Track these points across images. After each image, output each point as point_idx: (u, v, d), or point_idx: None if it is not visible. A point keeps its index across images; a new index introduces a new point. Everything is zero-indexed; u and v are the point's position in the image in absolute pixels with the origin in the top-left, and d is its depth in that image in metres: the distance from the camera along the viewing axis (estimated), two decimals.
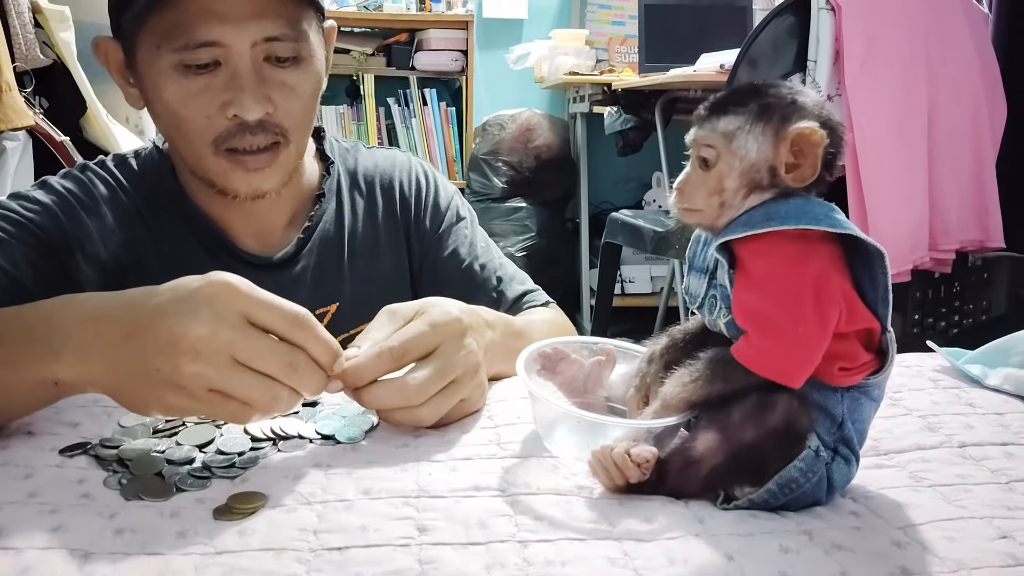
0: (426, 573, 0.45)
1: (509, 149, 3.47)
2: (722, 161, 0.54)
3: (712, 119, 0.54)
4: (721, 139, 0.53)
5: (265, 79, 0.83)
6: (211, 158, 0.86)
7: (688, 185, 0.55)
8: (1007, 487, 0.58)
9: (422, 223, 1.05)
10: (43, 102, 1.89)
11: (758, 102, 0.53)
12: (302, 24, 0.85)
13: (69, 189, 0.91)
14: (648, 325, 3.12)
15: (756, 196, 0.53)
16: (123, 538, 0.48)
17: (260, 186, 0.88)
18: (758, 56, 1.81)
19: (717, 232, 0.55)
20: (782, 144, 0.52)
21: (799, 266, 0.51)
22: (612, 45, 3.73)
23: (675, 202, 0.56)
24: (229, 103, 0.82)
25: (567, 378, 0.65)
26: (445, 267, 1.04)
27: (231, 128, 0.84)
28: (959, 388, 0.78)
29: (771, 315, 0.51)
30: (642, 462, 0.52)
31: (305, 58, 0.86)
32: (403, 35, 3.53)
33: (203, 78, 0.82)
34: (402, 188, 1.05)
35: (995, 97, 1.87)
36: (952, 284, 1.93)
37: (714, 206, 0.54)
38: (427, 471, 0.57)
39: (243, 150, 0.85)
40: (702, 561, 0.47)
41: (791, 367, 0.51)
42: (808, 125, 0.51)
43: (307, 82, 0.87)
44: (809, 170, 0.52)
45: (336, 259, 1.00)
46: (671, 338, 0.59)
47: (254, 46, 0.82)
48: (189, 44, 0.80)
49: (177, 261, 0.93)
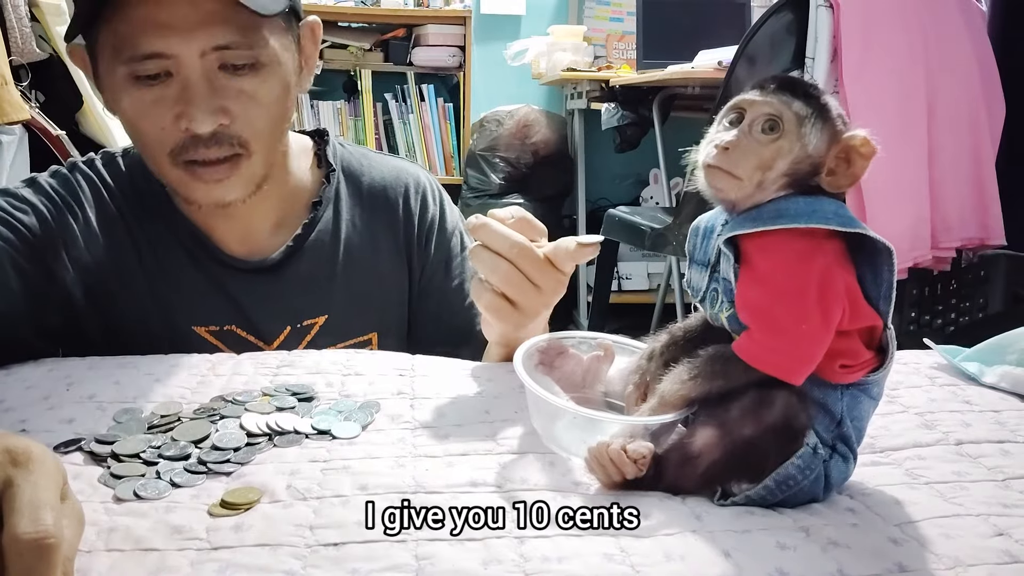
0: (422, 569, 0.45)
1: (506, 145, 3.46)
2: (786, 139, 0.51)
3: (785, 95, 0.52)
4: (794, 118, 0.51)
5: (219, 89, 0.81)
6: (170, 169, 0.84)
7: (739, 149, 0.51)
8: (1003, 484, 0.58)
9: (427, 246, 1.03)
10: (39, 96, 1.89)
11: (819, 99, 0.52)
12: (261, 30, 0.82)
13: (56, 190, 0.90)
14: (645, 322, 3.13)
15: (787, 189, 0.52)
16: (118, 534, 0.48)
17: (222, 197, 0.86)
18: (756, 53, 1.81)
19: (734, 209, 0.53)
20: (835, 147, 0.52)
21: (804, 263, 0.50)
22: (610, 41, 3.73)
23: (715, 162, 0.52)
24: (181, 115, 0.80)
25: (565, 373, 0.65)
26: (448, 299, 1.02)
27: (185, 140, 0.82)
28: (956, 385, 0.78)
29: (774, 311, 0.51)
30: (638, 458, 0.52)
31: (266, 64, 0.83)
32: (401, 30, 3.52)
33: (155, 89, 0.81)
34: (407, 204, 1.03)
35: (993, 94, 1.87)
36: (949, 282, 1.93)
37: (755, 181, 0.52)
38: (424, 467, 0.57)
39: (200, 161, 0.83)
40: (699, 557, 0.47)
41: (793, 363, 0.51)
42: (863, 135, 0.51)
43: (269, 89, 0.84)
44: (846, 179, 0.52)
45: (328, 269, 0.97)
46: (671, 335, 0.59)
47: (203, 55, 0.79)
48: (135, 56, 0.79)
49: (160, 265, 0.92)
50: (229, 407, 0.66)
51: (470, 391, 0.72)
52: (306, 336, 0.96)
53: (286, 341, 0.94)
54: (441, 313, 1.02)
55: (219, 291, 0.94)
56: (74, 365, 0.77)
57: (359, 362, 0.78)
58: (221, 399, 0.68)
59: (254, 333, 0.94)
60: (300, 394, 0.69)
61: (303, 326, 0.96)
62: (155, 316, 0.91)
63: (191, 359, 0.79)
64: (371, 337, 0.99)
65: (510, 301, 0.73)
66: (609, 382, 0.66)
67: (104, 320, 0.90)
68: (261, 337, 0.94)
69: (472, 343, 0.93)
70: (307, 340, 0.96)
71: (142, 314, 0.91)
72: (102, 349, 0.81)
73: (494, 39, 3.69)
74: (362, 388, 0.72)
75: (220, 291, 0.94)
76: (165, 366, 0.76)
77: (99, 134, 1.97)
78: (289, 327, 0.95)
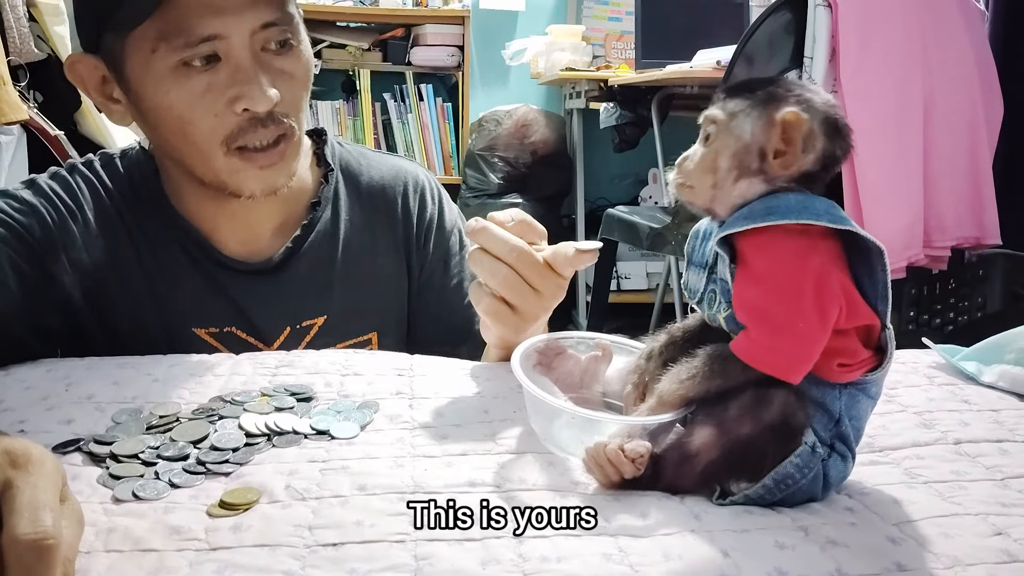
0: (421, 569, 0.45)
1: (505, 145, 3.46)
2: (719, 139, 0.54)
3: (725, 100, 0.55)
4: (724, 118, 0.54)
5: (266, 68, 0.82)
6: (222, 159, 0.84)
7: (687, 161, 0.56)
8: (1002, 484, 0.58)
9: (425, 244, 1.03)
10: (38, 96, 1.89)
11: (767, 90, 0.53)
12: (290, 7, 0.84)
13: (56, 192, 0.90)
14: (644, 321, 3.13)
15: (747, 181, 0.53)
16: (117, 535, 0.48)
17: (274, 182, 0.87)
18: (754, 53, 1.81)
19: (714, 216, 0.55)
20: (773, 129, 0.52)
21: (801, 261, 0.51)
22: (609, 41, 3.73)
23: (674, 176, 0.56)
24: (237, 98, 0.81)
25: (563, 373, 0.65)
26: (447, 297, 1.02)
27: (242, 124, 0.82)
28: (954, 385, 0.78)
29: (771, 310, 0.51)
30: (636, 458, 0.52)
31: (296, 44, 0.85)
32: (399, 30, 3.52)
33: (205, 76, 0.80)
34: (406, 202, 1.03)
35: (991, 94, 1.87)
36: (947, 281, 1.94)
37: (706, 185, 0.55)
38: (423, 467, 0.57)
39: (254, 147, 0.84)
40: (697, 557, 0.47)
41: (790, 362, 0.51)
42: (792, 110, 0.52)
43: (301, 68, 0.86)
44: (791, 156, 0.52)
45: (327, 270, 0.97)
46: (670, 335, 0.59)
47: (252, 35, 0.81)
48: (190, 40, 0.79)
49: (159, 267, 0.92)
50: (228, 407, 0.66)
51: (469, 391, 0.72)
52: (306, 337, 0.96)
53: (286, 342, 0.94)
54: (440, 312, 1.02)
55: (219, 293, 0.94)
56: (73, 366, 0.77)
57: (358, 362, 0.78)
58: (220, 399, 0.68)
59: (254, 335, 0.94)
60: (299, 394, 0.69)
61: (303, 327, 0.96)
62: (154, 318, 0.91)
63: (190, 359, 0.78)
64: (371, 337, 0.99)
65: (509, 305, 0.73)
66: (607, 382, 0.66)
67: (103, 322, 0.90)
68: (261, 339, 0.94)
69: (471, 342, 0.93)
70: (307, 341, 0.95)
71: (141, 316, 0.91)
72: (101, 350, 0.81)
73: (493, 39, 3.69)
74: (361, 388, 0.72)
75: (220, 293, 0.94)
76: (164, 366, 0.76)
77: (97, 134, 1.97)
78: (289, 328, 0.95)
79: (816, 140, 0.52)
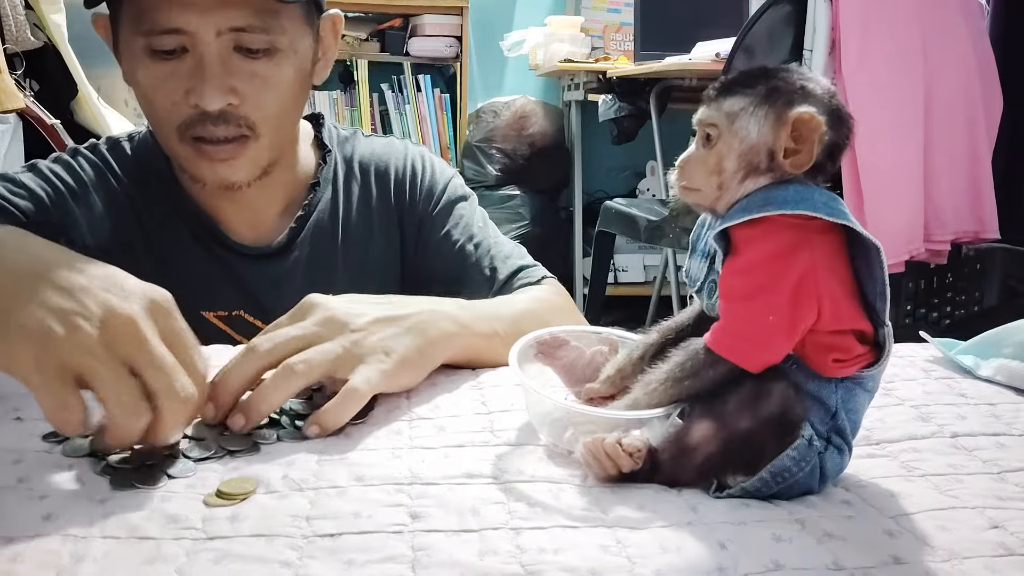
0: (419, 560, 0.45)
1: (503, 136, 3.46)
2: (723, 141, 0.53)
3: (719, 99, 0.54)
4: (724, 119, 0.53)
5: (232, 69, 0.82)
6: (178, 144, 0.85)
7: (689, 163, 0.55)
8: (999, 477, 0.58)
9: (416, 207, 1.03)
10: (34, 85, 1.88)
11: (766, 85, 0.53)
12: (279, 17, 0.83)
13: (58, 174, 0.90)
14: (641, 314, 3.13)
15: (753, 180, 0.53)
16: (113, 523, 0.48)
17: (228, 176, 0.87)
18: (754, 45, 1.80)
19: (719, 215, 0.55)
20: (783, 128, 0.52)
21: (787, 257, 0.50)
22: (607, 33, 3.72)
23: (676, 179, 0.56)
24: (190, 91, 0.81)
25: (566, 364, 0.65)
26: (439, 249, 1.02)
27: (194, 116, 0.83)
28: (951, 379, 0.78)
29: (747, 299, 0.51)
30: (634, 451, 0.52)
31: (281, 50, 0.84)
32: (397, 20, 3.51)
33: (170, 64, 0.82)
34: (397, 174, 1.04)
35: (991, 88, 1.87)
36: (945, 275, 1.94)
37: (712, 186, 0.54)
38: (420, 458, 0.57)
39: (208, 139, 0.84)
40: (695, 549, 0.47)
41: (753, 350, 0.51)
42: (807, 110, 0.51)
43: (282, 75, 0.85)
44: (806, 156, 0.52)
45: (330, 249, 0.98)
46: (660, 333, 0.59)
47: (219, 35, 0.81)
48: (154, 29, 0.80)
49: (166, 249, 0.92)
50: None
51: (467, 382, 0.72)
52: None
53: None
54: (436, 263, 1.02)
55: (227, 276, 0.94)
56: None
57: None
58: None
59: (262, 318, 0.94)
60: None
61: None
62: None
63: None
64: None
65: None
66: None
67: None
68: (269, 322, 0.94)
69: (469, 286, 0.94)
70: None
71: None
72: None
73: (491, 30, 3.67)
74: None
75: (228, 276, 0.95)
76: None
77: (93, 123, 1.96)
78: None
79: (825, 134, 0.52)
